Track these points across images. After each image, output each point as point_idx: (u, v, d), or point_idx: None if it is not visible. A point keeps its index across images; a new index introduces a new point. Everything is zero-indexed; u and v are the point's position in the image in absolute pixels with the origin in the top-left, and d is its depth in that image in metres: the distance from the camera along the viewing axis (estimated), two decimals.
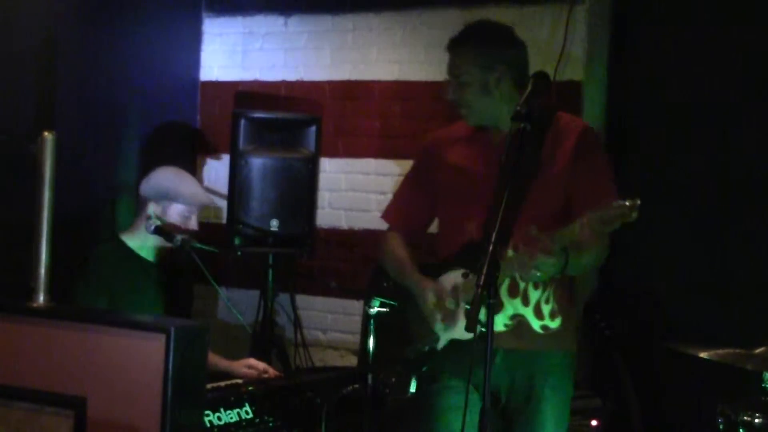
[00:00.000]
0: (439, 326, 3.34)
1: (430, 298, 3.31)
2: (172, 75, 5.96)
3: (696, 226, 4.78)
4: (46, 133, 2.93)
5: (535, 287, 3.26)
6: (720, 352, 3.62)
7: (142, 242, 3.91)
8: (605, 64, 5.25)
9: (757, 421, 3.54)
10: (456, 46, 3.43)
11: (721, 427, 3.61)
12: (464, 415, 2.99)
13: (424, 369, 3.39)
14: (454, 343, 3.32)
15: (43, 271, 3.00)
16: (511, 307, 3.27)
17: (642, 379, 4.80)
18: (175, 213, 3.94)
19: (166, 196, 3.91)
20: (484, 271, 2.76)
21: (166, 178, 3.98)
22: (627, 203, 2.85)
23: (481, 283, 2.75)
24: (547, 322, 3.29)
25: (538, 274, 3.06)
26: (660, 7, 5.03)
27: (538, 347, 3.31)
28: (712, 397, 3.81)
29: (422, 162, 3.61)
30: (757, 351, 3.57)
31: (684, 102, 4.92)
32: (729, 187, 4.80)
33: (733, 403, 3.63)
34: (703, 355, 3.61)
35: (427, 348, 3.39)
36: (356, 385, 3.91)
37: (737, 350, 3.61)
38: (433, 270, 3.43)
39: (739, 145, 4.79)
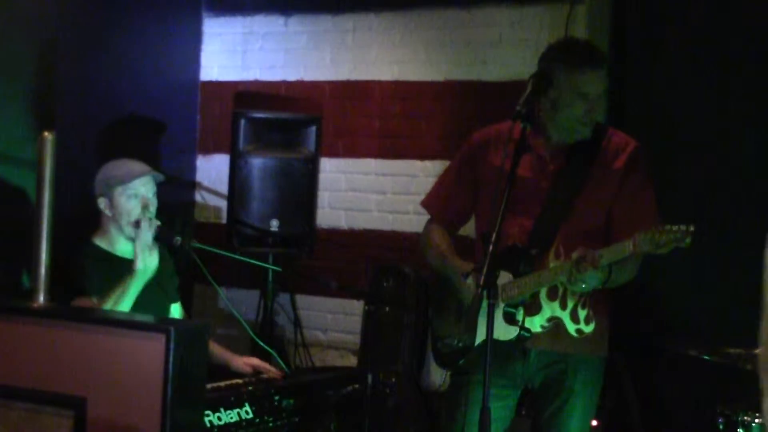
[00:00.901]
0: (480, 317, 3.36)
1: (471, 281, 3.31)
2: (172, 75, 5.96)
3: (696, 226, 4.77)
4: (46, 133, 2.93)
5: (573, 292, 3.32)
6: (720, 352, 3.62)
7: (110, 242, 3.87)
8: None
9: (756, 421, 3.54)
10: (600, 62, 3.35)
11: (721, 427, 3.61)
12: (465, 413, 3.10)
13: (461, 362, 3.42)
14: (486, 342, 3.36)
15: (43, 271, 3.00)
16: (549, 309, 3.33)
17: (642, 379, 4.81)
18: (119, 199, 3.81)
19: (105, 186, 3.85)
20: (485, 270, 2.76)
21: (103, 169, 3.90)
22: (682, 228, 2.91)
23: (482, 283, 2.76)
24: (582, 326, 3.36)
25: (584, 285, 3.15)
26: (660, 7, 5.03)
27: (572, 351, 3.38)
28: (712, 397, 3.81)
29: (468, 157, 3.58)
30: (757, 351, 3.57)
31: (684, 102, 4.92)
32: (729, 187, 4.80)
33: (733, 403, 3.63)
34: (703, 355, 3.61)
35: (461, 345, 3.42)
36: (356, 385, 3.91)
37: (737, 350, 3.62)
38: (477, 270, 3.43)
39: (739, 144, 4.79)
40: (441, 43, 5.53)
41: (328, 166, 5.75)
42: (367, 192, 5.71)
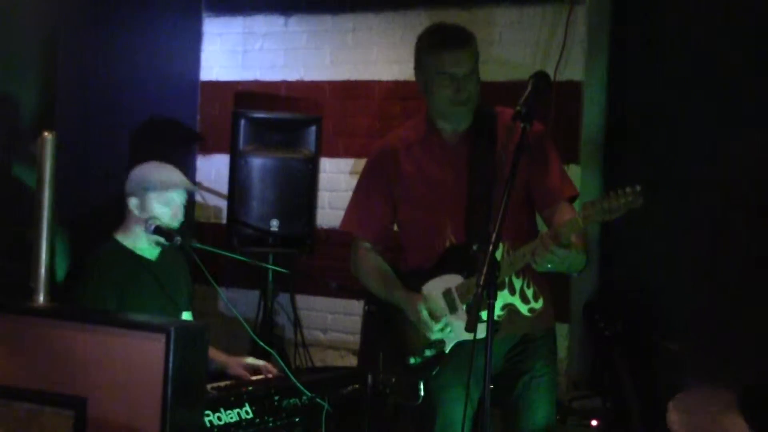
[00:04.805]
0: (436, 336, 3.40)
1: (423, 312, 3.37)
2: (172, 75, 5.96)
3: (696, 226, 4.77)
4: (46, 133, 2.93)
5: (517, 276, 3.39)
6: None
7: (134, 240, 3.89)
8: (605, 64, 5.25)
9: None
10: (461, 42, 3.42)
11: None
12: (465, 409, 3.11)
13: (433, 373, 3.44)
14: (458, 344, 3.40)
15: (43, 271, 3.00)
16: (501, 298, 3.36)
17: (642, 379, 4.81)
18: (153, 203, 3.84)
19: (141, 188, 3.86)
20: (484, 271, 2.77)
21: (141, 170, 3.93)
22: (628, 190, 2.96)
23: (481, 283, 2.76)
24: (533, 304, 3.45)
25: (549, 266, 3.16)
26: (660, 8, 5.03)
27: (528, 330, 3.46)
28: None
29: (380, 169, 3.59)
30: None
31: (684, 102, 4.92)
32: (728, 188, 4.79)
33: None
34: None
35: (435, 353, 3.43)
36: (356, 385, 3.91)
37: None
38: (414, 278, 3.46)
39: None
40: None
41: (328, 166, 5.75)
42: None
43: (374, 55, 5.71)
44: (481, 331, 3.10)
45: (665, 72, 5.02)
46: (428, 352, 3.44)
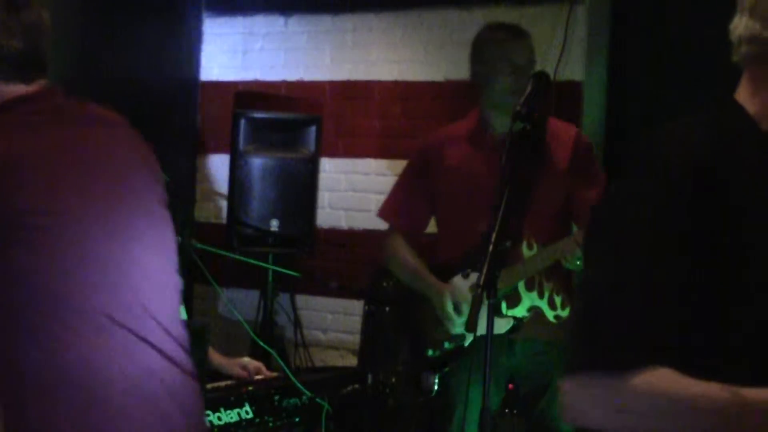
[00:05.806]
0: (457, 329, 3.42)
1: (448, 303, 3.40)
2: (172, 75, 5.96)
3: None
4: None
5: (547, 280, 3.40)
6: None
7: None
8: (605, 64, 5.25)
9: None
10: (523, 33, 3.54)
11: None
12: (464, 411, 3.12)
13: (445, 370, 3.46)
14: (476, 340, 3.39)
15: None
16: (528, 299, 3.40)
17: None
18: None
19: None
20: (485, 270, 2.77)
21: None
22: None
23: (482, 282, 2.76)
24: (560, 311, 3.44)
25: (578, 262, 3.21)
26: (660, 7, 5.03)
27: (553, 338, 3.44)
28: None
29: (423, 163, 3.65)
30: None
31: (684, 102, 4.92)
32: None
33: None
34: None
35: (453, 346, 3.43)
36: (356, 385, 3.91)
37: None
38: (444, 272, 3.48)
39: None
40: (441, 43, 5.53)
41: (328, 166, 5.75)
42: (367, 192, 5.71)
43: (374, 55, 5.71)
44: (502, 327, 3.13)
45: (665, 72, 5.02)
46: (447, 345, 3.47)
